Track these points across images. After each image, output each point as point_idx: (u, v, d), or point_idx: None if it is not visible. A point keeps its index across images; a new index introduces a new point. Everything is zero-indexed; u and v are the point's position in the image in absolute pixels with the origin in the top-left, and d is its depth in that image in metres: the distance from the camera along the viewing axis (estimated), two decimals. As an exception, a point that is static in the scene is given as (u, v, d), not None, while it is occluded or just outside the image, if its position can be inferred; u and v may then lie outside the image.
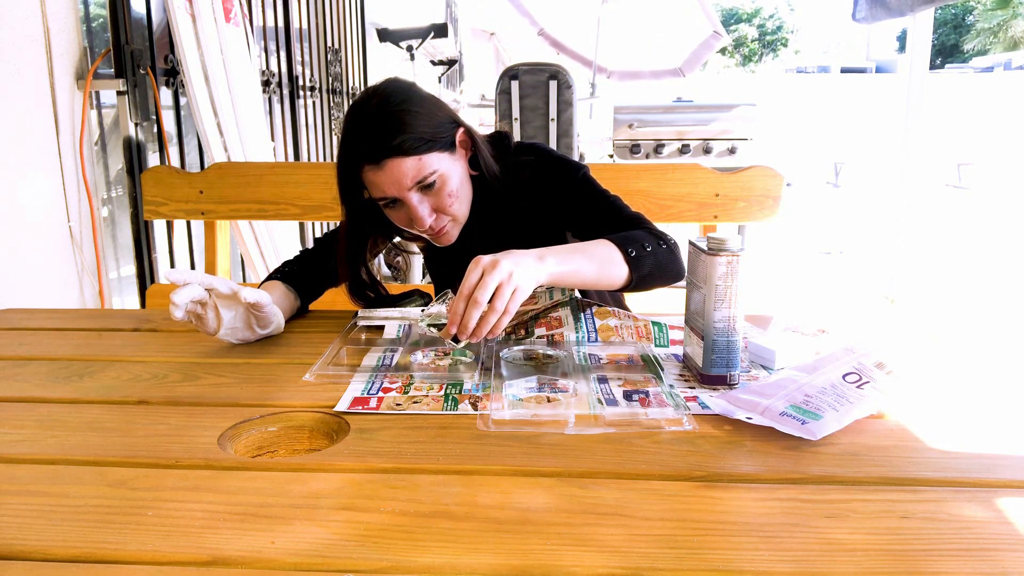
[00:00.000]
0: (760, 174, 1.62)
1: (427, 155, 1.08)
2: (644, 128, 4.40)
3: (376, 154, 1.07)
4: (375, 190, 1.11)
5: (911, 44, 3.44)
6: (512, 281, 0.91)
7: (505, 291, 0.91)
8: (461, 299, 0.91)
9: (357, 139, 1.09)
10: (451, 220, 1.16)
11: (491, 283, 0.90)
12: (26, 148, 1.84)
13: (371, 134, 1.07)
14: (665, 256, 1.12)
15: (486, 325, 0.91)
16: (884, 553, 0.57)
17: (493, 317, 0.91)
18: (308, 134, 3.58)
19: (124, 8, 2.07)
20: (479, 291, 0.90)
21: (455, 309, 0.91)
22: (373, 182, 1.10)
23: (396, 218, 1.15)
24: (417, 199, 1.11)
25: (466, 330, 0.91)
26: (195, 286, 0.99)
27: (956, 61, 32.47)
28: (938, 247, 5.63)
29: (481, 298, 0.90)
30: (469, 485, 0.67)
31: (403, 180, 1.08)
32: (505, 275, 0.91)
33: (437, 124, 1.11)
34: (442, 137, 1.11)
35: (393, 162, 1.07)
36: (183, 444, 0.77)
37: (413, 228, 1.16)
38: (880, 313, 2.12)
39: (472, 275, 0.92)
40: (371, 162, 1.07)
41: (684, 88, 5.67)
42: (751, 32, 48.42)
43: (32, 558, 0.57)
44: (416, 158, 1.07)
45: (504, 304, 0.91)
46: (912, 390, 0.88)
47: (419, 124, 1.08)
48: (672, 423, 0.80)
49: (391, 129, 1.06)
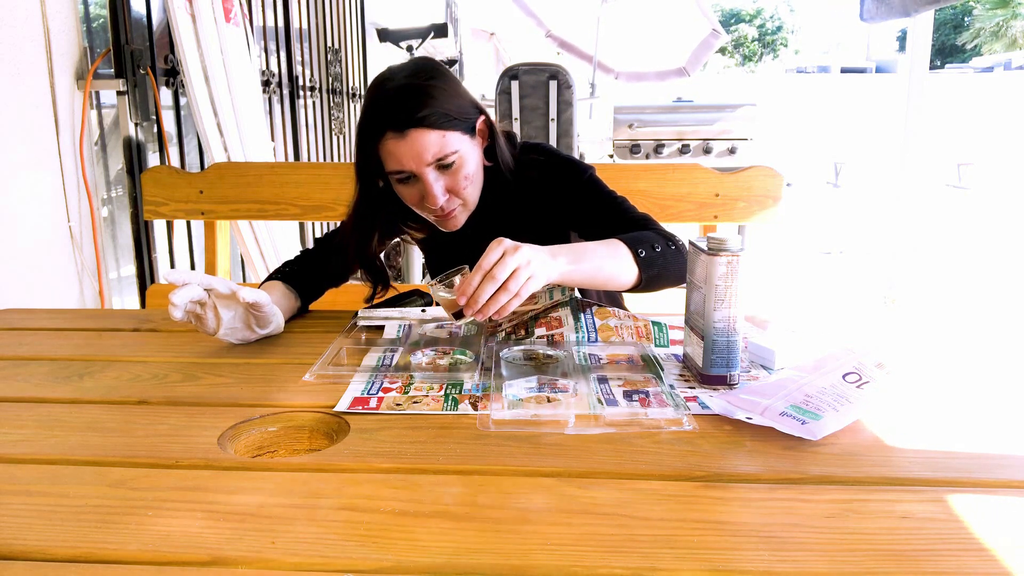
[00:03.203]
0: (760, 174, 1.62)
1: (450, 133, 1.09)
2: (644, 128, 4.40)
3: (401, 123, 1.06)
4: (393, 161, 1.09)
5: (911, 44, 3.44)
6: (530, 268, 0.92)
7: (521, 275, 0.91)
8: (478, 272, 0.91)
9: (382, 107, 1.08)
10: (461, 204, 1.16)
11: (510, 264, 0.90)
12: (26, 148, 1.84)
13: (398, 103, 1.07)
14: (674, 257, 1.12)
15: (495, 303, 0.91)
16: (884, 553, 0.57)
17: (504, 296, 0.91)
18: (308, 134, 3.58)
19: (124, 8, 2.07)
20: (498, 268, 0.90)
21: (469, 282, 0.90)
22: (392, 152, 1.08)
23: (408, 195, 1.14)
24: (433, 176, 1.10)
25: (476, 303, 0.91)
26: (194, 286, 0.99)
27: (956, 61, 32.48)
28: (938, 247, 5.63)
29: (499, 275, 0.90)
30: (469, 485, 0.67)
31: (424, 154, 1.07)
32: (524, 260, 0.92)
33: (462, 106, 1.12)
34: (466, 119, 1.12)
35: (417, 133, 1.06)
36: (183, 444, 0.77)
37: (423, 208, 1.15)
38: (880, 313, 2.12)
39: (493, 253, 0.92)
40: (395, 130, 1.06)
41: (684, 88, 5.67)
42: (751, 32, 48.42)
43: (32, 558, 0.57)
44: (440, 133, 1.07)
45: (518, 287, 0.91)
46: (912, 390, 0.87)
47: (446, 101, 1.09)
48: (672, 423, 0.80)
49: (419, 101, 1.06)
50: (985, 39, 26.42)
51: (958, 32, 31.70)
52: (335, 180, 1.70)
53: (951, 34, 33.64)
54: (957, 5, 17.59)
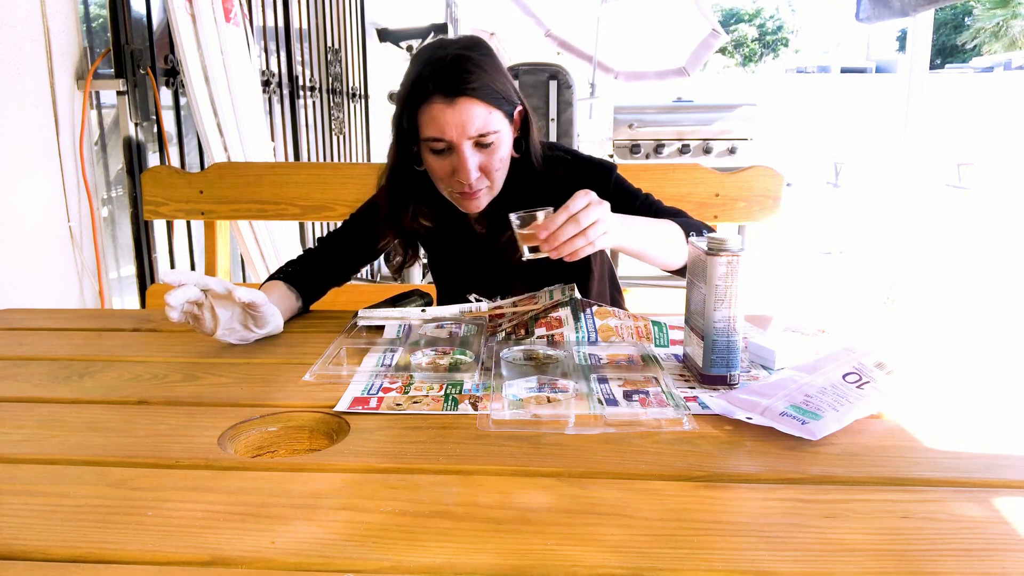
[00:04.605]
0: (760, 174, 1.62)
1: (495, 111, 1.10)
2: (644, 128, 4.39)
3: (453, 90, 1.06)
4: (434, 127, 1.09)
5: (911, 44, 3.44)
6: (607, 223, 0.96)
7: (600, 227, 0.95)
8: (564, 212, 0.94)
9: (436, 71, 1.08)
10: (488, 187, 1.17)
11: (594, 213, 0.94)
12: (26, 148, 1.84)
13: (453, 70, 1.07)
14: None
15: (571, 245, 0.95)
16: (884, 553, 0.57)
17: (581, 240, 0.94)
18: (308, 134, 3.58)
19: (124, 8, 2.07)
20: (583, 214, 0.94)
21: (554, 220, 0.94)
22: (436, 118, 1.08)
23: (438, 167, 1.14)
24: (470, 151, 1.11)
25: (555, 240, 0.94)
26: (190, 287, 0.99)
27: (956, 61, 32.48)
28: (938, 247, 5.63)
29: (583, 220, 0.94)
30: (469, 485, 0.67)
31: (467, 126, 1.08)
32: (604, 214, 0.95)
33: (508, 90, 1.14)
34: (510, 104, 1.14)
35: (467, 102, 1.07)
36: (183, 444, 0.77)
37: (450, 183, 1.15)
38: (880, 313, 2.12)
39: (580, 200, 0.95)
40: (445, 95, 1.07)
41: (684, 88, 5.66)
42: (751, 32, 48.43)
43: (32, 558, 0.57)
44: (488, 108, 1.09)
45: (596, 236, 0.95)
46: (912, 390, 0.87)
47: (497, 81, 1.11)
48: (672, 423, 0.80)
49: (473, 72, 1.07)
50: (985, 39, 26.43)
51: (958, 32, 31.70)
52: (335, 180, 1.70)
53: (951, 34, 33.64)
54: (957, 5, 17.60)
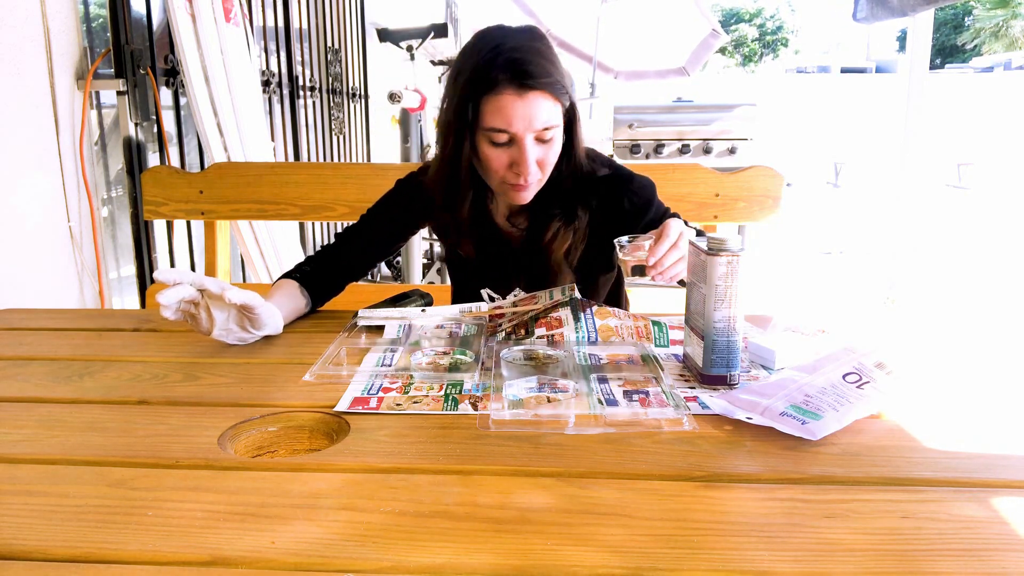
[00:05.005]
0: (760, 174, 1.62)
1: (558, 105, 1.10)
2: (644, 128, 4.39)
3: (526, 80, 1.05)
4: (499, 119, 1.07)
5: (911, 44, 3.44)
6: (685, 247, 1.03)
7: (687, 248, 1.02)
8: (666, 240, 1.01)
9: (506, 60, 1.06)
10: (539, 180, 1.16)
11: (684, 243, 1.02)
12: (26, 148, 1.84)
13: (525, 63, 1.06)
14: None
15: (674, 269, 1.02)
16: (884, 553, 0.57)
17: (682, 264, 1.01)
18: (308, 134, 3.58)
19: (124, 8, 2.07)
20: (681, 240, 1.02)
21: (658, 249, 1.02)
22: (503, 109, 1.07)
23: (495, 157, 1.12)
24: (531, 144, 1.10)
25: (662, 265, 1.01)
26: (185, 286, 0.99)
27: (956, 61, 32.47)
28: (938, 247, 5.63)
29: (682, 246, 1.01)
30: (469, 485, 0.67)
31: (535, 119, 1.07)
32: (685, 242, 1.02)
33: (568, 85, 1.12)
34: (568, 98, 1.13)
35: (538, 96, 1.06)
36: (183, 444, 0.77)
37: (505, 173, 1.13)
38: (880, 313, 2.12)
39: (674, 228, 1.02)
40: (516, 87, 1.05)
41: (684, 88, 5.66)
42: (751, 32, 48.42)
43: (32, 558, 0.57)
44: (555, 104, 1.09)
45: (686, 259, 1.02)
46: (912, 390, 0.87)
47: (562, 75, 1.10)
48: (672, 423, 0.80)
49: (546, 65, 1.07)
50: (985, 39, 26.42)
51: (958, 32, 31.70)
52: (335, 180, 1.70)
53: (951, 34, 33.63)
54: (957, 5, 17.61)
